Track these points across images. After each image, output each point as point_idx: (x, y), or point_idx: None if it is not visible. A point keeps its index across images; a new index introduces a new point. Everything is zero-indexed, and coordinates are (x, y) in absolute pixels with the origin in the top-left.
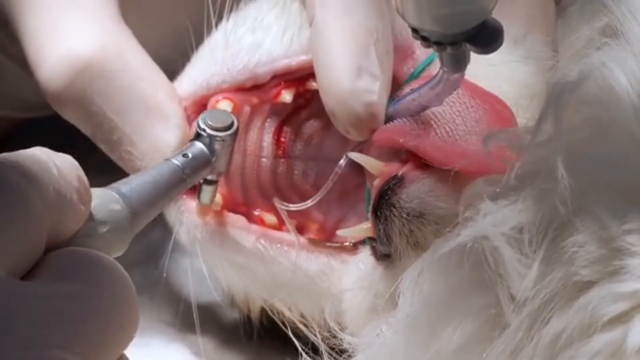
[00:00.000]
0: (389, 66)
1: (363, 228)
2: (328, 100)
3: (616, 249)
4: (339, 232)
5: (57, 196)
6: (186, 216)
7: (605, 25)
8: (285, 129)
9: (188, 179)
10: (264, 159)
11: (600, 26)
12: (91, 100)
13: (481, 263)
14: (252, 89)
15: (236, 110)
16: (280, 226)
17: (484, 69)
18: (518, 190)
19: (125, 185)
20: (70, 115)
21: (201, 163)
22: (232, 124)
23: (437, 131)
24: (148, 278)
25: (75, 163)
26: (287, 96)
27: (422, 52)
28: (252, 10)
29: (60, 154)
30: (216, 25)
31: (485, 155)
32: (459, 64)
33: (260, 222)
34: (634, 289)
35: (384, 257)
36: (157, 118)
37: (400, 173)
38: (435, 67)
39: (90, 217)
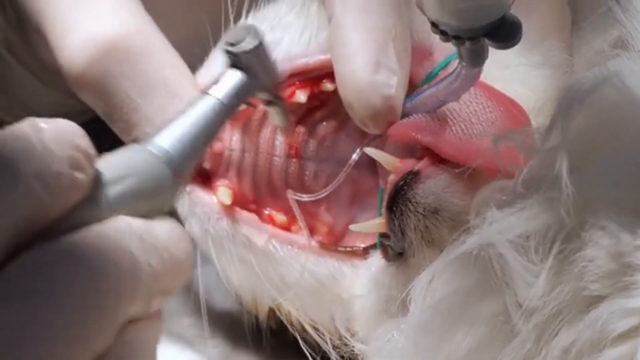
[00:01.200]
0: (407, 63)
1: (376, 223)
2: (346, 93)
3: (626, 264)
4: (352, 227)
5: (37, 180)
6: (199, 208)
7: (617, 38)
8: (299, 129)
9: (229, 106)
10: (276, 158)
11: (612, 39)
12: (115, 81)
13: (489, 270)
14: None
15: (250, 108)
16: (290, 226)
17: (500, 72)
18: (525, 198)
19: (158, 135)
20: (89, 95)
21: (239, 85)
22: (255, 35)
23: (453, 128)
24: None
25: (72, 128)
26: (301, 96)
27: (439, 55)
28: (270, 10)
29: (54, 120)
30: (235, 24)
31: (497, 155)
32: (477, 58)
33: (271, 221)
34: None
35: (395, 257)
36: (181, 101)
37: (416, 168)
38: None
39: (98, 181)
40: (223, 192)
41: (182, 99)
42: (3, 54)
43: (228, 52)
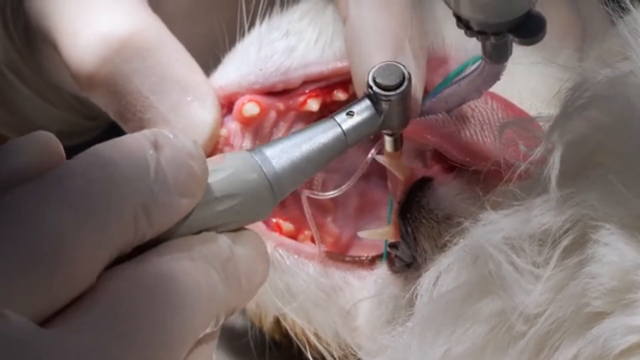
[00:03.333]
0: (423, 61)
1: (385, 231)
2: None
3: (630, 282)
4: (360, 234)
5: (142, 210)
6: None
7: (621, 57)
8: None
9: (349, 138)
10: None
11: (616, 49)
12: (126, 78)
13: (484, 271)
14: (282, 94)
15: (262, 114)
16: (297, 235)
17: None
18: (520, 200)
19: (272, 148)
20: (101, 95)
21: (367, 121)
22: (403, 82)
23: (467, 131)
24: None
25: (190, 148)
26: (313, 105)
27: (454, 62)
28: (285, 16)
29: (175, 136)
30: (249, 30)
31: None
32: (501, 54)
33: (278, 229)
34: None
35: (402, 268)
36: (193, 97)
37: (429, 175)
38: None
39: (205, 198)
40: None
41: (194, 94)
42: (6, 74)
43: (372, 89)
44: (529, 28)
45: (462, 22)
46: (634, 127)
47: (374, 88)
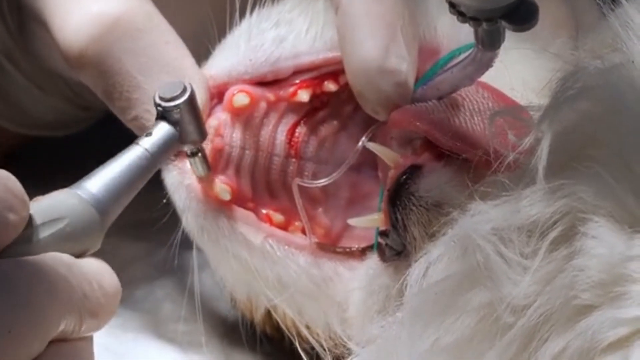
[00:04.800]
0: (415, 49)
1: (374, 218)
2: (356, 81)
3: (618, 274)
4: (350, 221)
5: None
6: (195, 203)
7: (613, 50)
8: (300, 129)
9: (156, 156)
10: (275, 157)
11: (607, 50)
12: (116, 58)
13: (472, 262)
14: (272, 84)
15: (253, 105)
16: (287, 226)
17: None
18: (509, 191)
19: (88, 179)
20: (90, 74)
21: (167, 138)
22: (184, 91)
23: (457, 119)
24: (152, 295)
25: (5, 174)
26: (304, 95)
27: (446, 53)
28: (276, 7)
29: None
30: (240, 21)
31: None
32: (494, 41)
33: (268, 220)
34: (635, 315)
35: (393, 257)
36: (182, 79)
37: (419, 162)
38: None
39: (30, 222)
40: (222, 188)
41: (183, 77)
42: (2, 62)
43: (159, 106)
44: (522, 14)
45: (455, 9)
46: (624, 119)
47: (162, 103)
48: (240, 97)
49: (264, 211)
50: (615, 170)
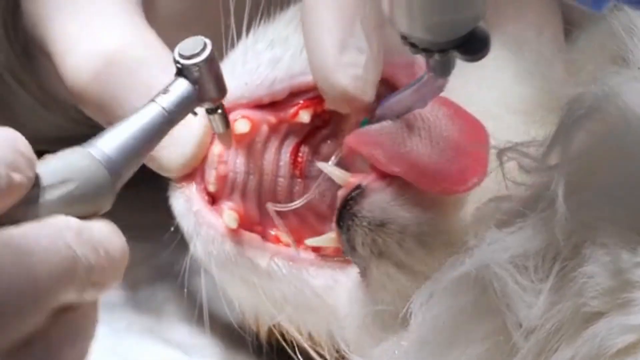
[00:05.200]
0: (378, 41)
1: (330, 237)
2: (316, 78)
3: (626, 281)
4: (307, 241)
5: None
6: (204, 230)
7: (616, 55)
8: (303, 149)
9: (173, 114)
10: (280, 179)
11: (610, 55)
12: (114, 95)
13: (488, 290)
14: (270, 106)
15: (254, 131)
16: (297, 245)
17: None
18: (524, 217)
19: (101, 137)
20: (92, 108)
21: (185, 95)
22: (204, 48)
23: (405, 140)
24: (155, 297)
25: (13, 134)
26: (304, 116)
27: (419, 68)
28: (271, 26)
29: None
30: (237, 39)
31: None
32: (445, 69)
33: (277, 241)
34: None
35: (364, 272)
36: None
37: (363, 183)
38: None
39: (37, 183)
40: (229, 215)
41: None
42: (6, 78)
43: (178, 63)
44: (473, 46)
45: (407, 41)
46: (631, 137)
47: (181, 61)
48: (241, 124)
49: (272, 232)
50: (622, 181)
